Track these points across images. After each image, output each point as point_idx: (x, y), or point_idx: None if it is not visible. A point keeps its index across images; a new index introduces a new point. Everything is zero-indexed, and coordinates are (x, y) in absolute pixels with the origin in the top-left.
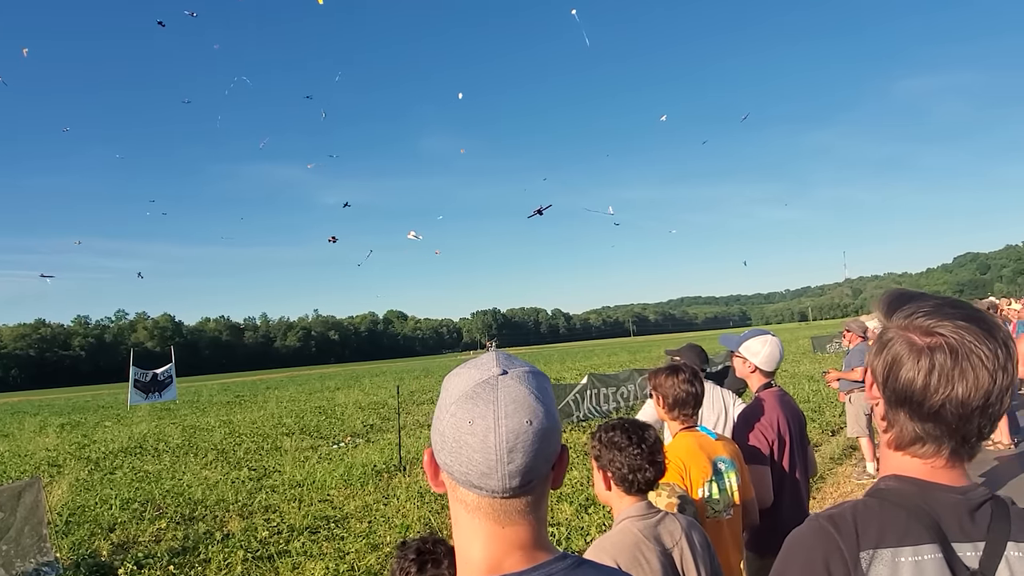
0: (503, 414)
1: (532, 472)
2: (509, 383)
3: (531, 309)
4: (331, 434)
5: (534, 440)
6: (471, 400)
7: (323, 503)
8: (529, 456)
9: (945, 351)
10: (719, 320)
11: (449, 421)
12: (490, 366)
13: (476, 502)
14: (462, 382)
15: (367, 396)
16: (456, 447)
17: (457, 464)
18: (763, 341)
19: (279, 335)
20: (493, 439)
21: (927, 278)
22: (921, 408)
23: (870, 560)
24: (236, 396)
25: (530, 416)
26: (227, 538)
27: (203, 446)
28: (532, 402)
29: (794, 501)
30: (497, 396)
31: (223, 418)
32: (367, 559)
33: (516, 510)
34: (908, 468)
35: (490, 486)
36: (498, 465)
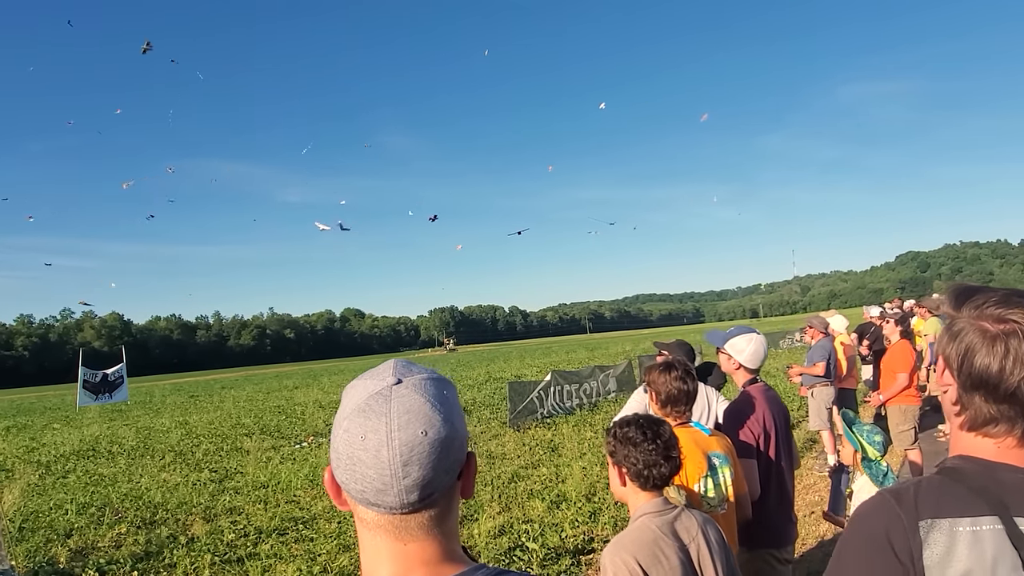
0: (396, 426)
1: (431, 485)
2: (403, 392)
3: (488, 307)
4: (292, 434)
5: (431, 451)
6: (363, 414)
7: (290, 504)
8: (427, 469)
9: (1019, 336)
10: (673, 317)
11: (342, 437)
12: (385, 376)
13: (375, 520)
14: (356, 395)
15: (327, 395)
16: (350, 464)
17: (352, 482)
18: (748, 339)
19: (232, 334)
20: (386, 453)
21: (871, 276)
22: (997, 391)
23: (928, 528)
24: (190, 396)
25: (425, 426)
26: (192, 542)
27: (159, 448)
28: (428, 411)
29: (780, 494)
30: (390, 408)
31: (179, 419)
32: (340, 560)
33: (418, 525)
34: (978, 448)
35: (387, 503)
36: (393, 480)
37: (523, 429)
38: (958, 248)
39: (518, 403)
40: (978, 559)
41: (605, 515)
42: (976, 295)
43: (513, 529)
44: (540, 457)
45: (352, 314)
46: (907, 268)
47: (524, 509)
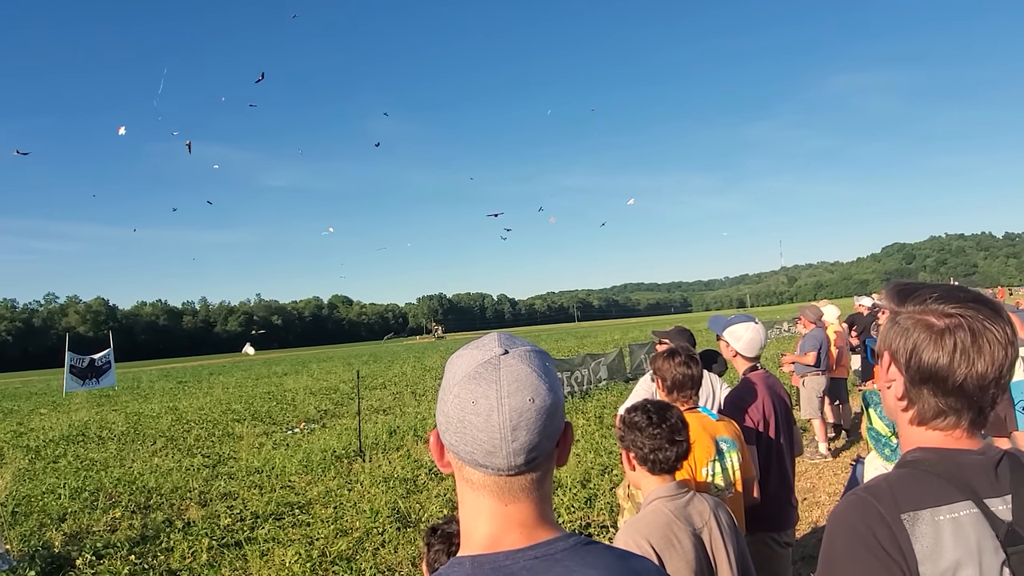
0: (505, 393)
1: (536, 449)
2: (511, 362)
3: (477, 294)
4: (284, 420)
5: (537, 418)
6: (474, 380)
7: (284, 489)
8: (533, 434)
9: (965, 330)
10: (661, 306)
11: (453, 402)
12: (492, 346)
13: (481, 480)
14: (465, 363)
15: (317, 382)
16: (460, 427)
17: (462, 444)
18: (746, 327)
19: (219, 320)
20: (497, 418)
21: (857, 267)
22: (945, 384)
23: (912, 521)
24: (178, 382)
25: (532, 394)
26: (188, 526)
27: (150, 433)
28: (535, 380)
29: (781, 480)
30: (499, 376)
31: (168, 404)
32: (337, 544)
33: (520, 487)
34: (931, 441)
35: (495, 464)
36: (502, 443)
37: None
38: (943, 240)
39: None
40: (964, 546)
41: (600, 501)
42: (919, 290)
43: None
44: None
45: (340, 301)
46: (893, 260)
47: None
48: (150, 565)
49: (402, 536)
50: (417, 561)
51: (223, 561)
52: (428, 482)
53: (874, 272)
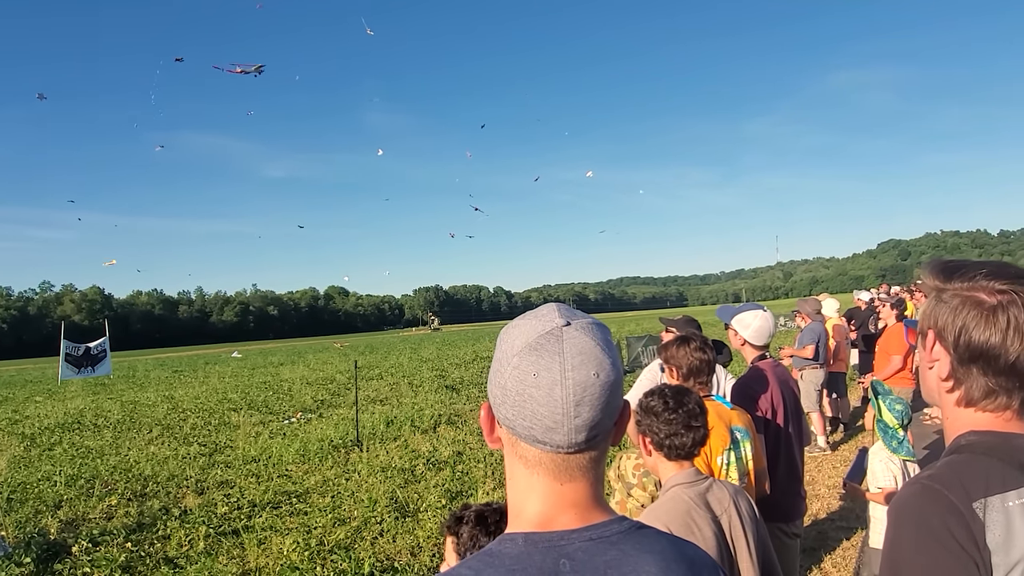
0: (570, 366)
1: (598, 427)
2: (574, 334)
3: (473, 286)
4: (281, 410)
5: (601, 393)
6: (535, 352)
7: (282, 478)
8: (596, 410)
9: (1018, 306)
10: (657, 300)
11: (512, 374)
12: (552, 317)
13: (538, 457)
14: (523, 333)
15: (313, 372)
16: (520, 400)
17: (520, 418)
18: (755, 315)
19: (215, 309)
20: (560, 392)
21: (852, 263)
22: (996, 363)
23: (983, 508)
24: (174, 371)
25: (597, 368)
26: (185, 514)
27: (146, 421)
28: (599, 354)
29: (789, 469)
30: (563, 347)
31: (164, 393)
32: (336, 534)
33: (578, 466)
34: (980, 423)
35: (555, 441)
36: (564, 419)
37: None
38: (939, 237)
39: None
40: None
41: None
42: (965, 267)
43: None
44: None
45: (336, 292)
46: (888, 256)
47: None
48: (146, 552)
49: (400, 525)
50: (440, 550)
51: (220, 549)
52: (426, 472)
53: (869, 268)
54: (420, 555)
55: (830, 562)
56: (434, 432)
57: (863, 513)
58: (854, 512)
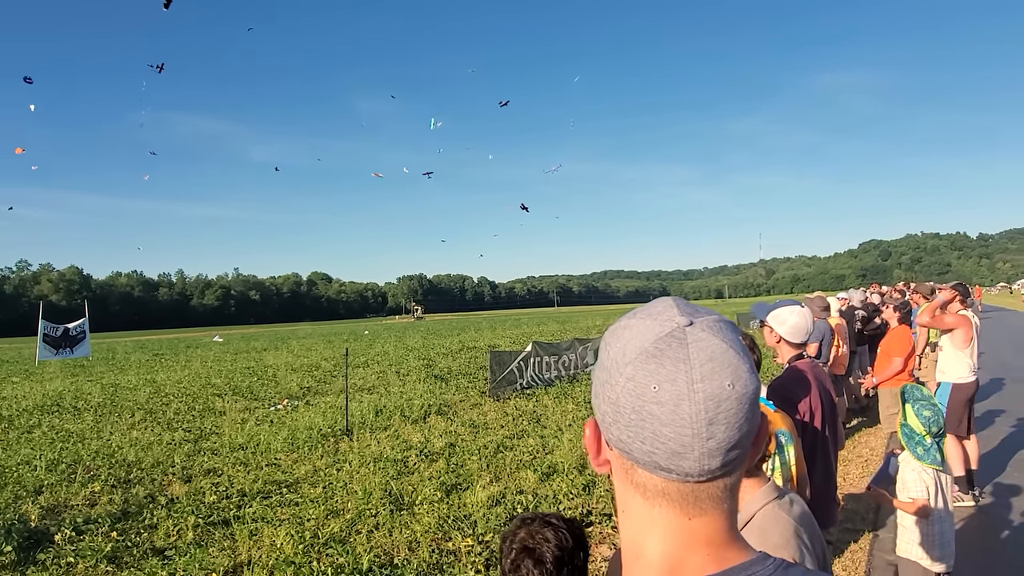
0: (698, 376)
1: (735, 449)
2: (701, 335)
3: (457, 276)
4: (266, 396)
5: (739, 408)
6: (654, 359)
7: (271, 467)
8: (733, 429)
9: None
10: (640, 294)
11: (625, 387)
12: (671, 314)
13: (661, 487)
14: (637, 336)
15: (298, 358)
16: (637, 419)
17: (638, 441)
18: (791, 311)
19: (196, 293)
20: (688, 408)
21: (834, 262)
22: None
23: None
24: (155, 354)
25: (732, 378)
26: (172, 503)
27: (128, 405)
28: (733, 359)
29: (825, 475)
30: (688, 353)
31: (145, 377)
32: (330, 526)
33: (709, 497)
34: None
35: (683, 468)
36: (695, 441)
37: (503, 399)
38: (919, 238)
39: (498, 373)
40: None
41: (600, 488)
42: None
43: (507, 500)
44: (524, 428)
45: (319, 278)
46: (869, 256)
47: (515, 480)
48: (133, 542)
49: (396, 519)
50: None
51: (210, 540)
52: (419, 464)
53: (850, 268)
54: (418, 550)
55: (839, 565)
56: (424, 422)
57: (868, 516)
58: (859, 514)
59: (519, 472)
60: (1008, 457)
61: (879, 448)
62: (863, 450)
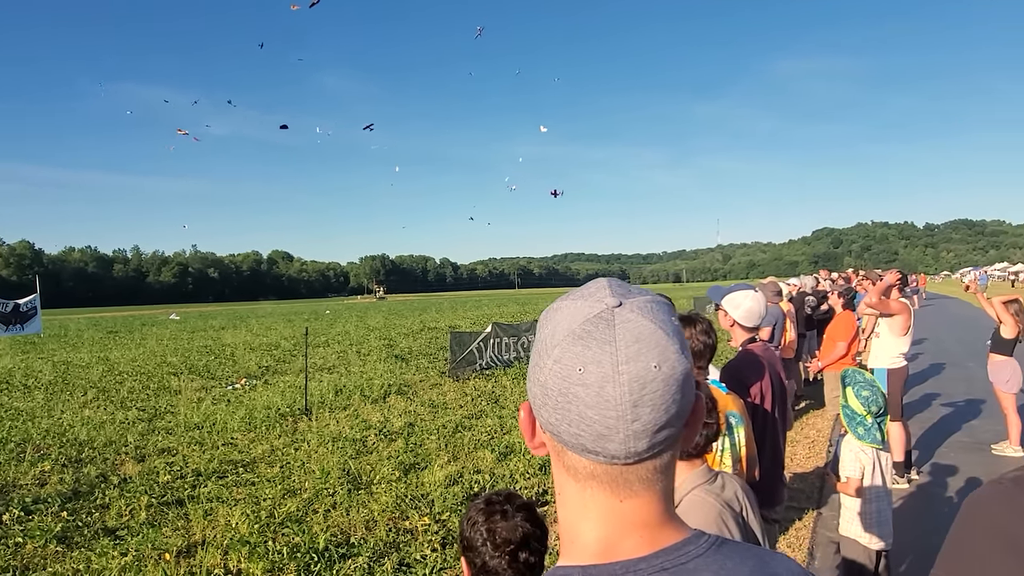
0: (623, 358)
1: (663, 431)
2: (629, 316)
3: (419, 257)
4: (224, 375)
5: (665, 389)
6: (581, 341)
7: (227, 447)
8: (659, 411)
9: None
10: (600, 276)
11: (552, 369)
12: (602, 296)
13: (590, 470)
14: (567, 317)
15: (256, 337)
16: (563, 402)
17: (565, 423)
18: (746, 295)
19: (152, 270)
20: (612, 390)
21: (788, 248)
22: None
23: None
24: (109, 332)
25: (659, 359)
26: (125, 482)
27: (80, 383)
28: (661, 339)
29: (774, 455)
30: (615, 334)
31: (98, 355)
32: (286, 506)
33: (639, 479)
34: None
35: (609, 450)
36: (619, 424)
37: (462, 379)
38: (869, 227)
39: (458, 353)
40: None
41: None
42: None
43: (464, 479)
44: (483, 408)
45: (280, 257)
46: (822, 243)
47: (473, 459)
48: (84, 522)
49: (354, 498)
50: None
51: (163, 520)
52: (378, 443)
53: (804, 254)
54: (376, 529)
55: (784, 542)
56: (384, 402)
57: (813, 495)
58: (804, 493)
59: (477, 452)
60: (944, 438)
61: (825, 430)
62: (810, 431)
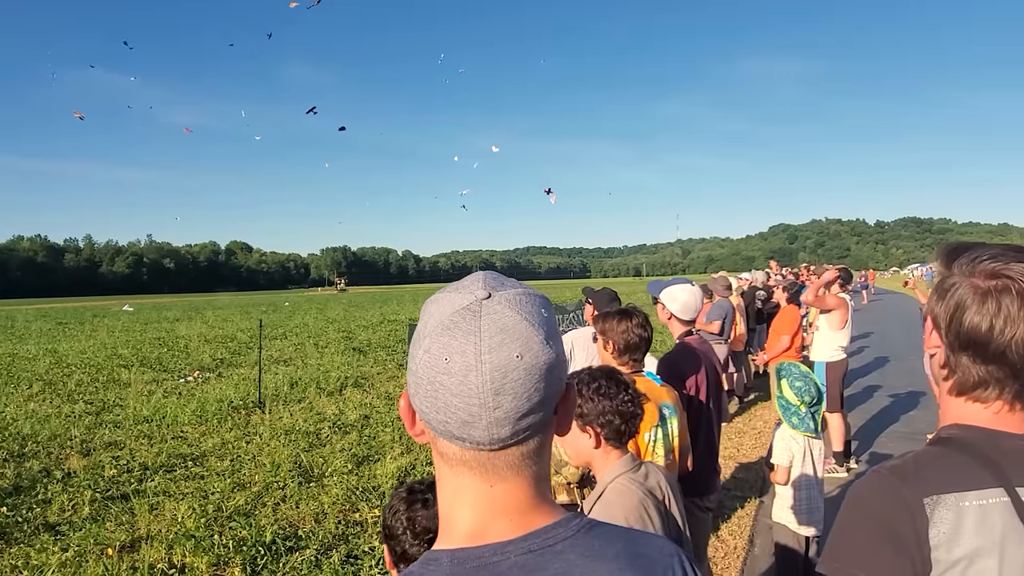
0: (486, 347)
1: (527, 418)
2: (495, 308)
3: (382, 249)
4: (176, 367)
5: (527, 378)
6: (448, 332)
7: (176, 440)
8: (521, 399)
9: (1012, 293)
10: (561, 270)
11: (422, 359)
12: (474, 288)
13: (458, 455)
14: (439, 310)
15: (212, 329)
16: (431, 390)
17: (433, 411)
18: (683, 288)
19: (105, 260)
20: (475, 379)
21: (745, 244)
22: (986, 350)
23: (934, 505)
24: (58, 323)
25: (521, 349)
26: (68, 477)
27: (25, 376)
28: (525, 330)
29: (708, 446)
30: (480, 325)
31: (46, 347)
32: (235, 499)
33: (507, 464)
34: (970, 415)
35: (473, 436)
36: (482, 411)
37: None
38: (823, 224)
39: None
40: (987, 536)
41: None
42: (970, 250)
43: (416, 470)
44: None
45: (239, 247)
46: (778, 239)
47: (426, 451)
48: (25, 518)
49: (304, 491)
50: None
51: (107, 515)
52: (331, 436)
53: (760, 249)
54: (325, 522)
55: (727, 529)
56: (340, 394)
57: (756, 483)
58: (747, 482)
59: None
60: (883, 429)
61: (771, 421)
62: (757, 423)
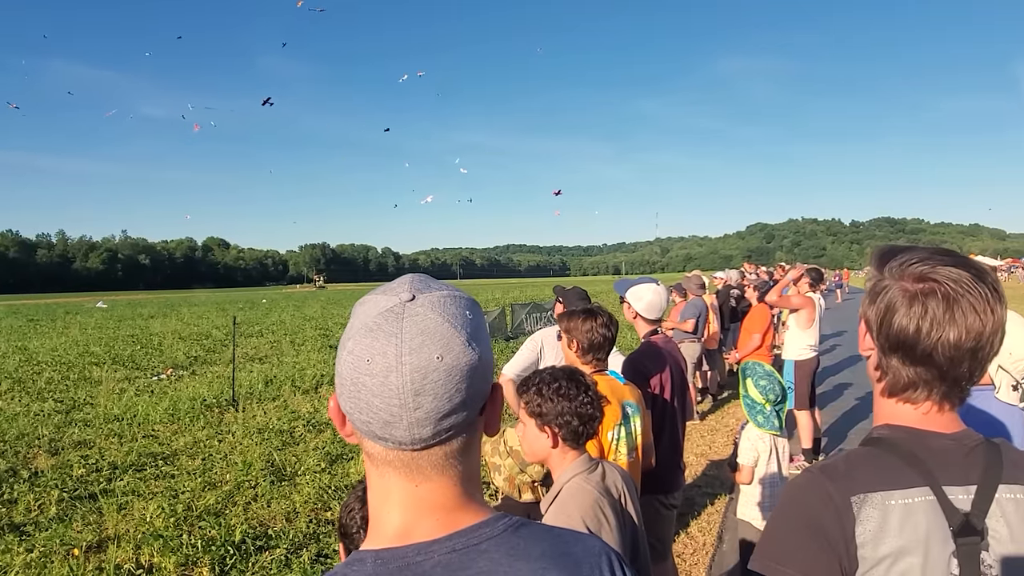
0: (407, 349)
1: (448, 418)
2: (418, 310)
3: (361, 246)
4: (149, 365)
5: (447, 379)
6: (371, 334)
7: (147, 439)
8: (441, 399)
9: (937, 296)
10: (541, 268)
11: (346, 359)
12: (399, 291)
13: (383, 455)
14: (365, 312)
15: (187, 326)
16: (354, 391)
17: (357, 411)
18: (648, 288)
19: (79, 255)
20: (395, 380)
21: (723, 243)
22: (914, 352)
23: (861, 504)
24: (29, 320)
25: (442, 350)
26: (36, 476)
27: None
28: (446, 332)
29: (672, 444)
30: (402, 327)
31: (16, 344)
32: (205, 499)
33: (431, 464)
34: (900, 415)
35: (395, 436)
36: (402, 412)
37: None
38: (799, 223)
39: None
40: (911, 533)
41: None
42: (900, 254)
43: None
44: None
45: (215, 243)
46: (755, 238)
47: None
48: None
49: (276, 490)
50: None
51: (75, 514)
52: (305, 434)
53: (738, 248)
54: (296, 521)
55: (696, 526)
56: (316, 392)
57: (727, 481)
58: (719, 480)
59: None
60: (851, 426)
61: (743, 419)
62: (730, 420)
